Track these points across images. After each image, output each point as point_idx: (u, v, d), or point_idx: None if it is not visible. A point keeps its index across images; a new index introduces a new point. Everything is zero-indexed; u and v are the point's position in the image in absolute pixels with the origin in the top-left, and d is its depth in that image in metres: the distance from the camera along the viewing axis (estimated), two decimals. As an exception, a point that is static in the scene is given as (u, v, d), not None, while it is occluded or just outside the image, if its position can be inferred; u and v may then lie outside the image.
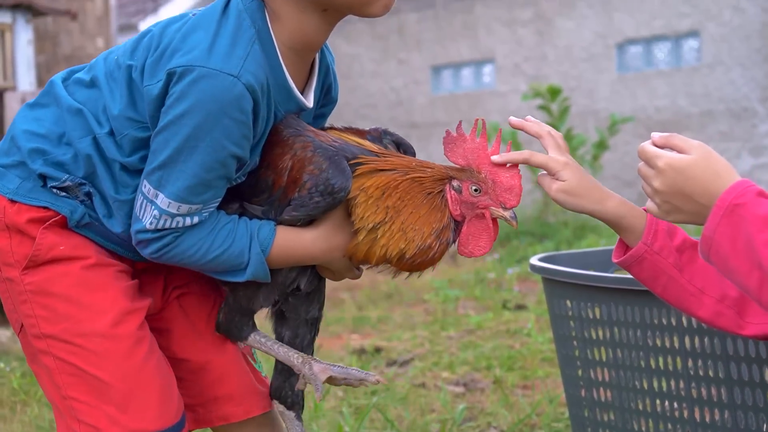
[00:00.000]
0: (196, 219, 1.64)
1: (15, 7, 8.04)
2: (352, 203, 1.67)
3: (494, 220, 1.69)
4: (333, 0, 1.63)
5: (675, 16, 8.76)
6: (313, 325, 1.84)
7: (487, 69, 10.56)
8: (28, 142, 1.72)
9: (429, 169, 1.70)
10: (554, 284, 2.30)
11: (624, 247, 1.68)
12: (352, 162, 1.67)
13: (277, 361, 1.82)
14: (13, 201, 1.71)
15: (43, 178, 1.71)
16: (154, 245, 1.65)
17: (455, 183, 1.69)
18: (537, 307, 4.83)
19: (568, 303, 2.25)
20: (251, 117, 1.60)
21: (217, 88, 1.56)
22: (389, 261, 1.68)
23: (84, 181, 1.70)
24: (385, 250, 1.67)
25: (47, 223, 1.70)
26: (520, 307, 4.93)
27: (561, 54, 9.67)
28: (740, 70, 8.41)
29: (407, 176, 1.68)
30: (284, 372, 1.82)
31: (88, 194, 1.72)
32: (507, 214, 1.67)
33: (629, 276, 1.85)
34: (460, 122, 1.74)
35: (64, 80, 1.77)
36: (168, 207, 1.61)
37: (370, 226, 1.66)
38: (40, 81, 8.99)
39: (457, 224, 1.70)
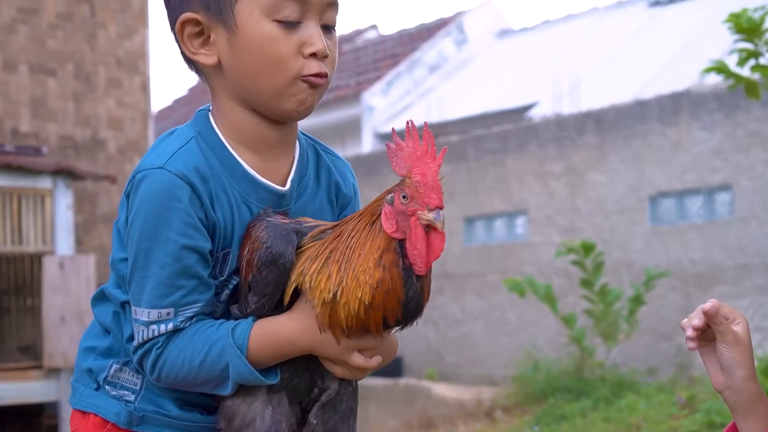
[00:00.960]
0: (170, 326, 1.60)
1: (56, 173, 8.24)
2: (302, 280, 1.56)
3: (431, 227, 1.51)
4: (250, 98, 1.66)
5: (707, 170, 8.81)
6: None
7: (520, 221, 10.61)
8: (81, 344, 1.79)
9: (375, 201, 1.57)
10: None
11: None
12: (311, 234, 1.59)
13: None
14: (83, 412, 1.74)
15: (95, 376, 1.73)
16: (147, 364, 1.62)
17: (388, 196, 1.54)
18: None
19: None
20: (193, 204, 1.59)
21: (151, 184, 1.59)
22: (360, 318, 1.52)
23: (128, 358, 1.71)
24: (348, 308, 1.52)
25: (106, 429, 1.72)
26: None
27: (593, 206, 9.71)
28: (774, 223, 8.39)
29: (352, 219, 1.57)
30: None
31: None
32: (431, 216, 1.49)
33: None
34: (393, 129, 1.59)
35: None
36: (142, 316, 1.60)
37: (330, 296, 1.53)
38: (78, 242, 9.14)
39: (402, 241, 1.53)
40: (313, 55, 1.63)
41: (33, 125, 9.84)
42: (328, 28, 1.68)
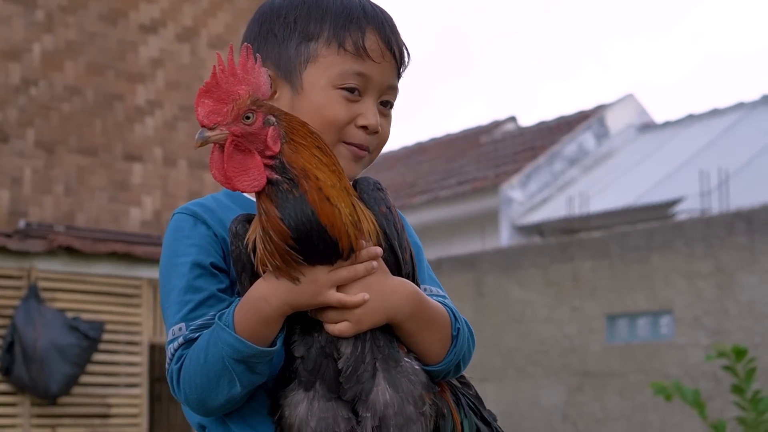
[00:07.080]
0: (181, 339, 1.64)
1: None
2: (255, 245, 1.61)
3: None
4: None
5: None
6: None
7: (665, 320, 10.40)
8: None
9: None
10: None
11: None
12: None
13: None
14: None
15: None
16: (173, 384, 1.65)
17: None
18: None
19: None
20: (196, 227, 1.69)
21: (166, 231, 1.73)
22: (270, 248, 1.54)
23: None
24: (262, 246, 1.55)
25: None
26: None
27: (743, 309, 9.45)
28: None
29: None
30: None
31: None
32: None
33: None
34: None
35: None
36: (166, 340, 1.66)
37: (252, 241, 1.59)
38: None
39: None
40: (364, 128, 1.74)
41: (189, 218, 10.19)
42: (385, 104, 1.79)
